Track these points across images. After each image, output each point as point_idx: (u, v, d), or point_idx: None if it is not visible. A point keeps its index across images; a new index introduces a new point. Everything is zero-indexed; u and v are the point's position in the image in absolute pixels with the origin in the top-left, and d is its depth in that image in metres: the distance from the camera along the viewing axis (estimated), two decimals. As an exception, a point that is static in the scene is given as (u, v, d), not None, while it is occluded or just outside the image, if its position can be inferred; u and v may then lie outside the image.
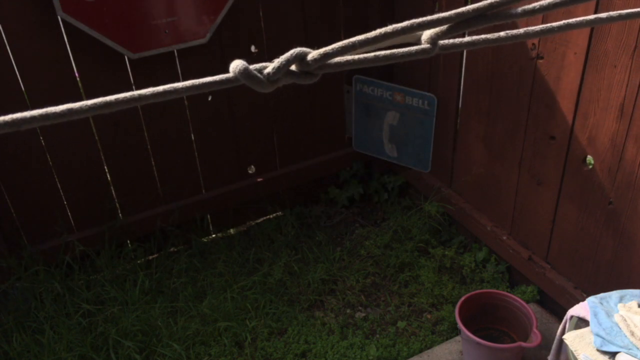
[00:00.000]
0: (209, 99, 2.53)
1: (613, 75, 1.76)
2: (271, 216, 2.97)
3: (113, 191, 2.53)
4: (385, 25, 0.48)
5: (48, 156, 2.32)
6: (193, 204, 2.70)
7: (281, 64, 0.43)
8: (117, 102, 0.43)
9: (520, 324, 2.09)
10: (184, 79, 2.42)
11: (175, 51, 2.34)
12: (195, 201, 2.70)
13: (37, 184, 2.34)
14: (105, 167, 2.46)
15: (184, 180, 2.65)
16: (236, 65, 0.44)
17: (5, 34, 2.03)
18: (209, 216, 2.83)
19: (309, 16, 2.57)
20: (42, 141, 2.29)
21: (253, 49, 2.52)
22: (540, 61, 2.00)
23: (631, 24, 1.66)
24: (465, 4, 2.23)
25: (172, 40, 2.28)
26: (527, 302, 2.28)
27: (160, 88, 0.43)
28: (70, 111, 0.42)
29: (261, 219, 2.97)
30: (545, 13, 0.47)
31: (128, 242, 2.66)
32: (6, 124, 0.40)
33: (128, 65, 2.29)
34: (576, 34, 1.86)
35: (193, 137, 2.59)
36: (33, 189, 2.35)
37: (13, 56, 2.08)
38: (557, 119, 2.00)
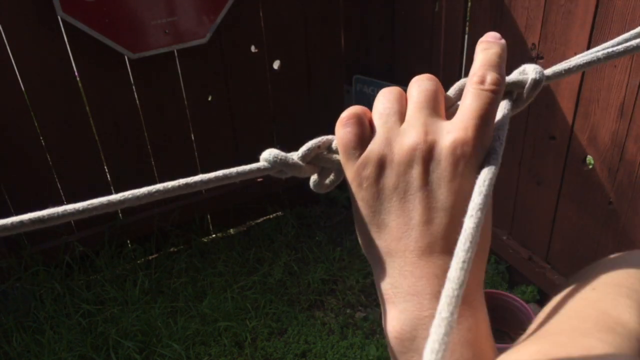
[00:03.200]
0: (209, 99, 2.54)
1: (613, 75, 1.76)
2: (271, 216, 2.97)
3: (113, 191, 2.53)
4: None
5: (48, 156, 2.32)
6: (193, 204, 2.70)
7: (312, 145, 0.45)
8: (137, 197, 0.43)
9: (520, 324, 2.09)
10: (184, 79, 2.44)
11: (175, 51, 2.34)
12: (195, 201, 2.70)
13: (37, 184, 2.34)
14: (105, 167, 2.46)
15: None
16: (269, 153, 0.46)
17: (5, 34, 2.03)
18: (209, 216, 2.83)
19: (309, 16, 2.57)
20: (42, 141, 2.29)
21: (253, 49, 2.52)
22: (541, 61, 2.00)
23: (631, 23, 1.66)
24: (465, 4, 2.23)
25: (172, 40, 2.28)
26: (527, 302, 2.28)
27: (183, 181, 0.43)
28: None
29: (261, 219, 2.97)
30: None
31: (128, 242, 2.66)
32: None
33: (128, 65, 2.29)
34: (576, 34, 1.86)
35: (193, 137, 2.59)
36: (33, 188, 2.35)
37: (13, 56, 2.08)
38: (557, 119, 2.00)
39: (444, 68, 2.48)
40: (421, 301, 0.39)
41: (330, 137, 0.46)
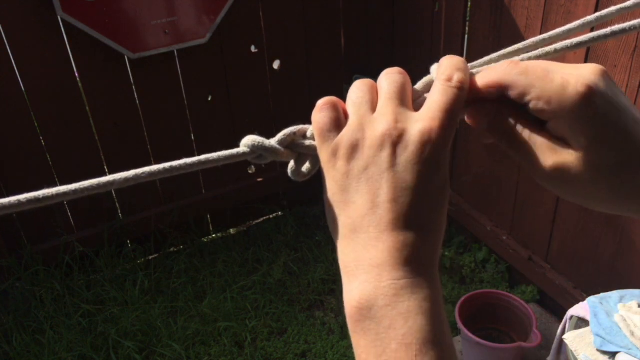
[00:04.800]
0: (209, 99, 2.54)
1: (613, 75, 1.76)
2: (271, 216, 2.97)
3: (113, 191, 2.53)
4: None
5: (48, 156, 2.32)
6: (193, 204, 2.70)
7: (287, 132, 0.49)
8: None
9: (520, 324, 2.09)
10: (184, 79, 2.44)
11: (175, 51, 2.34)
12: (195, 201, 2.70)
13: (37, 184, 2.34)
14: (105, 167, 2.46)
15: (184, 180, 2.64)
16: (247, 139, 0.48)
17: (5, 34, 2.03)
18: (209, 216, 2.83)
19: (309, 16, 2.57)
20: (42, 141, 2.29)
21: (253, 48, 2.52)
22: (540, 61, 2.00)
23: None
24: (465, 4, 2.23)
25: (172, 40, 2.28)
26: (527, 302, 2.28)
27: (168, 164, 0.45)
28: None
29: (261, 219, 2.97)
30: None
31: (128, 242, 2.66)
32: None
33: (128, 65, 2.29)
34: (576, 33, 1.85)
35: (193, 137, 2.59)
36: (33, 188, 2.34)
37: (13, 56, 2.08)
38: (557, 119, 2.00)
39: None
40: (381, 272, 0.41)
41: (306, 126, 0.50)
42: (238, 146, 0.48)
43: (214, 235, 2.88)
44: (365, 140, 0.43)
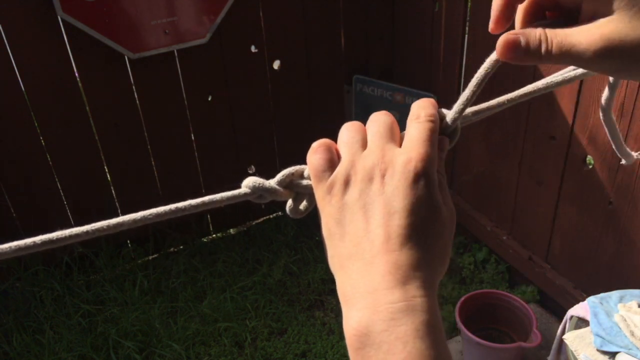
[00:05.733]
0: (209, 99, 2.54)
1: (613, 75, 1.76)
2: (271, 216, 2.97)
3: (113, 191, 2.53)
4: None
5: (48, 156, 2.32)
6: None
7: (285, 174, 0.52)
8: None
9: (520, 324, 2.09)
10: (184, 79, 2.44)
11: (175, 51, 2.34)
12: (195, 201, 2.70)
13: (37, 184, 2.34)
14: (105, 167, 2.46)
15: (184, 180, 2.64)
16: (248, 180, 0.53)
17: (5, 34, 2.03)
18: (208, 216, 2.83)
19: (309, 16, 2.57)
20: (42, 141, 2.29)
21: (253, 48, 2.52)
22: (540, 61, 2.00)
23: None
24: (465, 4, 2.23)
25: (172, 40, 2.28)
26: (527, 302, 2.28)
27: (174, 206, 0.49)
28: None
29: (261, 219, 2.97)
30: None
31: (128, 242, 2.66)
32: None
33: (128, 65, 2.29)
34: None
35: (193, 137, 2.59)
36: (33, 188, 2.35)
37: (13, 56, 2.08)
38: (557, 119, 2.00)
39: (444, 68, 2.48)
40: (376, 297, 0.42)
41: (302, 166, 0.53)
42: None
43: (213, 235, 2.88)
44: (357, 174, 0.46)
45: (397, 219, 0.44)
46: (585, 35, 0.41)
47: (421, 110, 0.49)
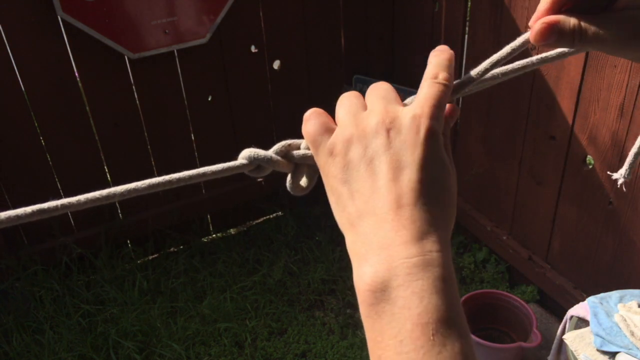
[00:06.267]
0: (209, 99, 2.54)
1: (613, 75, 1.76)
2: (271, 216, 2.97)
3: (113, 191, 2.53)
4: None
5: (48, 156, 2.32)
6: (193, 204, 2.69)
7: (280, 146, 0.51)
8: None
9: (520, 324, 2.09)
10: (184, 79, 2.44)
11: (175, 51, 2.34)
12: (195, 201, 2.70)
13: (37, 184, 2.34)
14: (105, 167, 2.46)
15: (183, 180, 2.64)
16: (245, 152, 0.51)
17: (5, 34, 2.03)
18: (209, 216, 2.83)
19: (309, 16, 2.57)
20: (42, 141, 2.29)
21: (253, 49, 2.52)
22: (540, 61, 2.00)
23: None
24: (465, 4, 2.23)
25: (172, 40, 2.28)
26: (527, 302, 2.28)
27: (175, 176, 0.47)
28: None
29: (261, 219, 2.97)
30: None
31: (128, 242, 2.66)
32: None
33: (128, 65, 2.29)
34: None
35: (193, 137, 2.59)
36: (33, 188, 2.34)
37: (13, 56, 2.08)
38: (557, 119, 2.00)
39: (444, 68, 2.47)
40: (391, 252, 0.41)
41: (298, 140, 0.51)
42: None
43: (213, 236, 2.88)
44: (360, 132, 0.45)
45: (408, 174, 0.43)
46: (618, 26, 0.42)
47: (440, 70, 0.47)
